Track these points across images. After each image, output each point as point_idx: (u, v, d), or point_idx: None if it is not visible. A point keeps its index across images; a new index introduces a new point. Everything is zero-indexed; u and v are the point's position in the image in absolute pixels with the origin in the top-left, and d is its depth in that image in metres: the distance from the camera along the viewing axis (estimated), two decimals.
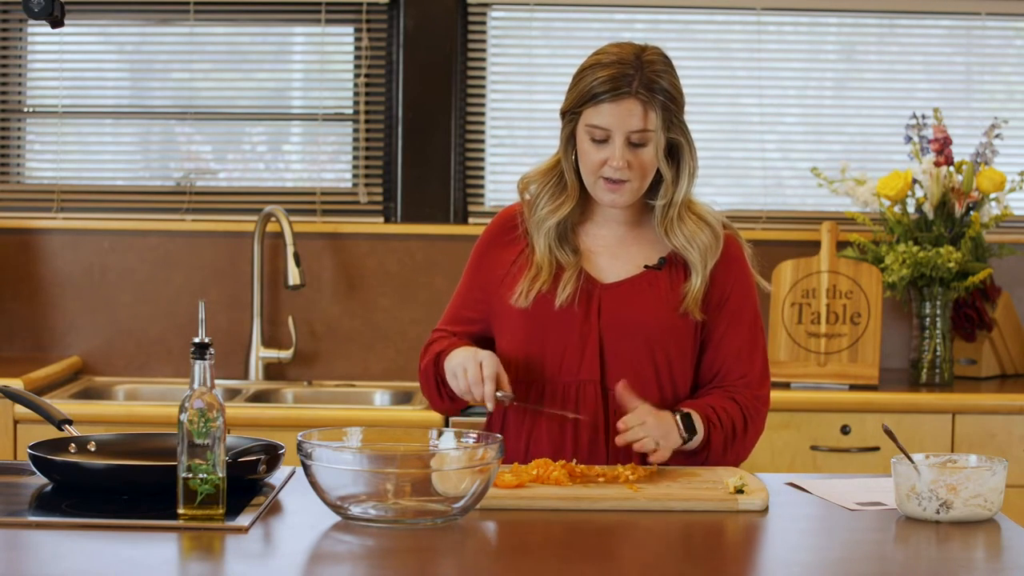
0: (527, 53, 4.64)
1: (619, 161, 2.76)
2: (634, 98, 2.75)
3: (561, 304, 2.82)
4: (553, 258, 2.85)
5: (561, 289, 2.83)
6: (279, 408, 4.15)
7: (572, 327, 2.83)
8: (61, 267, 4.55)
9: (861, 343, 4.22)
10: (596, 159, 2.78)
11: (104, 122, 4.66)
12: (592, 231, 2.90)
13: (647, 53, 2.79)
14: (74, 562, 2.13)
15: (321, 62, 4.66)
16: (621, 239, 2.88)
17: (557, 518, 2.43)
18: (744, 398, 2.86)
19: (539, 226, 2.86)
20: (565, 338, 2.83)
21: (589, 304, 2.83)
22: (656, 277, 2.85)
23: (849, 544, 2.32)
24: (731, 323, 2.86)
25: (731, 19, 4.63)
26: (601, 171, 2.78)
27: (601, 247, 2.88)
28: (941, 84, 4.66)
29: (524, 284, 2.85)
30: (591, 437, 2.82)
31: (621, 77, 2.75)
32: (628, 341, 2.81)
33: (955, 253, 4.17)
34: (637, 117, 2.75)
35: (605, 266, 2.87)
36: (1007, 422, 4.06)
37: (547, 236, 2.85)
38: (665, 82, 2.77)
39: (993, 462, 2.45)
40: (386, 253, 4.56)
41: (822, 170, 4.42)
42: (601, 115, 2.76)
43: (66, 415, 2.82)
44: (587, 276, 2.85)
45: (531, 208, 2.89)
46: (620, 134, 2.76)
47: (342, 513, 2.35)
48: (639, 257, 2.86)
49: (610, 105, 2.75)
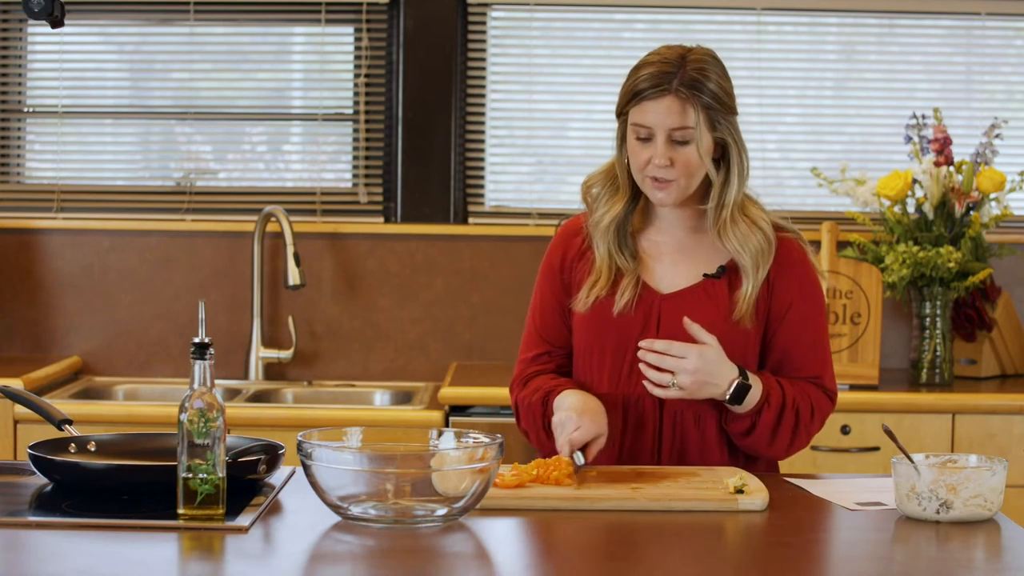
0: (527, 53, 4.64)
1: (660, 159, 2.76)
2: (673, 95, 2.75)
3: (619, 311, 2.82)
4: (612, 263, 2.84)
5: (619, 296, 2.82)
6: (279, 408, 4.15)
7: (631, 338, 2.81)
8: (61, 267, 4.55)
9: (861, 343, 4.22)
10: (642, 158, 2.78)
11: (104, 122, 4.66)
12: (652, 237, 2.89)
13: (693, 53, 2.80)
14: (74, 562, 2.13)
15: (321, 62, 4.66)
16: (681, 245, 2.87)
17: (557, 518, 2.43)
18: (813, 389, 2.83)
19: (597, 227, 2.86)
20: (624, 349, 2.82)
21: (648, 315, 2.82)
22: (715, 286, 2.83)
23: (849, 544, 2.32)
24: (797, 333, 2.84)
25: (731, 19, 4.63)
26: (646, 170, 2.79)
27: (661, 253, 2.87)
28: (941, 84, 4.66)
29: (585, 289, 2.85)
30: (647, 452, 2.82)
31: (662, 75, 2.76)
32: None
33: (955, 253, 4.17)
34: (676, 114, 2.76)
35: (665, 274, 2.86)
36: (1007, 422, 4.06)
37: (606, 238, 2.85)
38: (709, 81, 2.77)
39: (993, 462, 2.45)
40: (386, 253, 4.56)
41: (822, 170, 4.42)
42: (643, 113, 2.77)
43: (66, 415, 2.82)
44: (646, 286, 2.84)
45: (592, 211, 2.89)
46: (661, 131, 2.76)
47: (342, 513, 2.35)
48: (699, 265, 2.85)
49: (651, 103, 2.76)
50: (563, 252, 2.92)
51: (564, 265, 2.91)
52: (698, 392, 2.73)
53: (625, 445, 2.82)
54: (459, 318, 4.55)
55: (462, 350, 4.54)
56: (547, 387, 2.83)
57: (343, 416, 3.92)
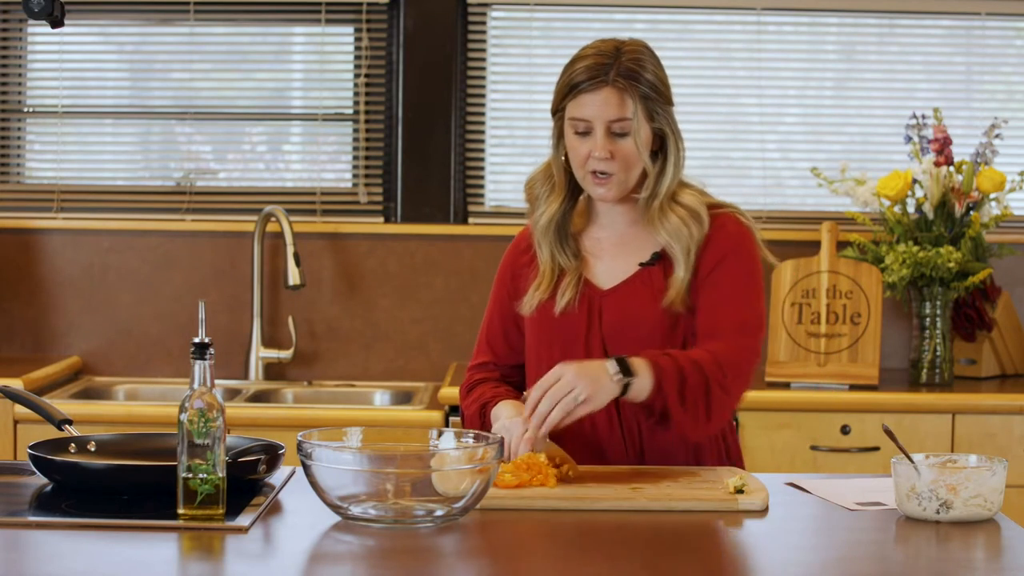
0: (527, 53, 4.64)
1: (601, 151, 2.75)
2: (611, 86, 2.75)
3: (560, 311, 2.82)
4: (556, 264, 2.85)
5: (560, 296, 2.83)
6: (279, 408, 4.15)
7: (577, 336, 2.82)
8: (61, 267, 4.55)
9: (861, 343, 4.22)
10: (582, 152, 2.78)
11: (104, 122, 4.66)
12: (594, 234, 2.89)
13: (627, 44, 2.79)
14: (74, 562, 2.13)
15: (321, 62, 4.66)
16: (621, 239, 2.87)
17: (557, 518, 2.43)
18: (716, 345, 2.73)
19: (536, 228, 2.87)
20: (572, 347, 2.82)
21: (591, 311, 2.82)
22: (650, 274, 2.83)
23: (849, 544, 2.32)
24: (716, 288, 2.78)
25: (731, 19, 4.63)
26: (587, 165, 2.78)
27: (602, 249, 2.88)
28: (941, 84, 4.66)
29: (530, 292, 2.87)
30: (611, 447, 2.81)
31: (598, 67, 2.76)
32: (629, 344, 2.79)
33: (955, 253, 4.17)
34: (615, 106, 2.75)
35: (605, 270, 2.86)
36: (1007, 422, 4.06)
37: (547, 238, 2.86)
38: (646, 71, 2.77)
39: (993, 462, 2.45)
40: (386, 253, 4.56)
41: (822, 170, 4.42)
42: (581, 106, 2.76)
43: (66, 415, 2.82)
44: (587, 283, 2.84)
45: (532, 211, 2.90)
46: (600, 123, 2.76)
47: (342, 513, 2.35)
48: (637, 256, 2.85)
49: (589, 95, 2.75)
50: (514, 260, 2.94)
51: (514, 272, 2.93)
52: (599, 391, 2.61)
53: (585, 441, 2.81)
54: (459, 318, 4.55)
55: (462, 350, 4.54)
56: (486, 397, 2.85)
57: (343, 416, 3.92)
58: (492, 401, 2.82)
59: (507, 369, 2.94)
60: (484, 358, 2.96)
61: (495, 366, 2.94)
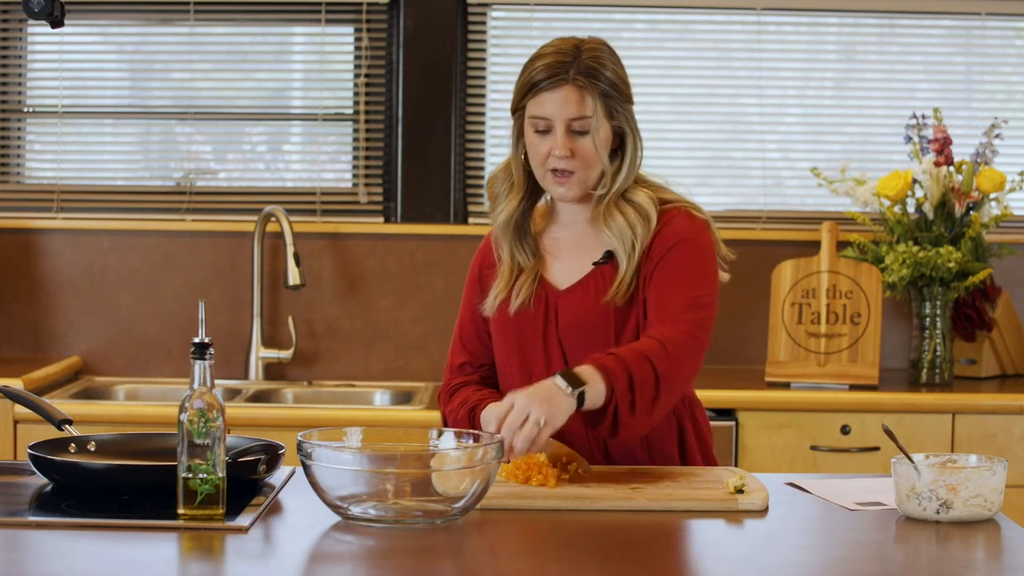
0: (527, 53, 4.59)
1: (561, 149, 2.75)
2: (571, 84, 2.75)
3: (515, 310, 2.82)
4: (514, 263, 2.85)
5: (515, 295, 2.83)
6: (279, 408, 4.15)
7: (535, 335, 2.82)
8: (61, 267, 4.55)
9: (861, 343, 4.22)
10: (542, 151, 2.77)
11: (104, 122, 4.66)
12: (554, 234, 2.89)
13: (587, 43, 2.79)
14: (74, 562, 2.13)
15: (321, 62, 4.66)
16: (578, 239, 2.86)
17: (557, 518, 2.43)
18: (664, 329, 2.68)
19: (496, 225, 2.87)
20: (529, 346, 2.83)
21: (547, 311, 2.82)
22: (603, 273, 2.82)
23: (849, 544, 2.32)
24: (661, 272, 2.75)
25: (731, 19, 4.63)
26: (547, 163, 2.78)
27: (560, 249, 2.87)
28: (941, 84, 4.66)
29: (491, 293, 2.87)
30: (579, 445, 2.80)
31: (558, 65, 2.76)
32: (584, 343, 2.78)
33: (955, 253, 4.17)
34: (575, 104, 2.75)
35: (562, 269, 2.85)
36: (1007, 422, 4.06)
37: (506, 236, 2.85)
38: (606, 69, 2.76)
39: (993, 462, 2.45)
40: (386, 253, 4.56)
41: (822, 170, 4.42)
42: (541, 105, 2.76)
43: (66, 415, 2.82)
44: (544, 282, 2.84)
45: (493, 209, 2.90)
46: (560, 121, 2.75)
47: (342, 513, 2.35)
48: (592, 255, 2.84)
49: (548, 93, 2.75)
50: (481, 260, 2.94)
51: (482, 272, 2.93)
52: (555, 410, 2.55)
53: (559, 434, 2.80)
54: None
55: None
56: (472, 401, 2.83)
57: (343, 416, 3.92)
58: (480, 404, 2.78)
59: (486, 369, 2.93)
60: (461, 359, 2.93)
61: (472, 367, 2.93)
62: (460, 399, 2.87)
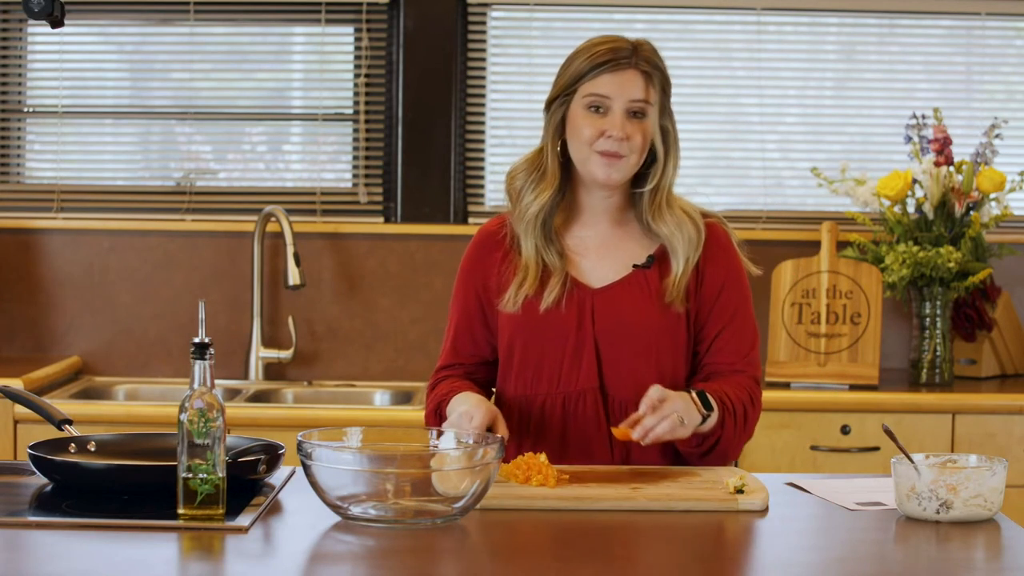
0: (527, 53, 4.64)
1: (619, 131, 2.75)
2: (635, 69, 2.77)
3: (546, 308, 2.80)
4: (539, 259, 2.82)
5: (547, 293, 2.80)
6: (279, 408, 4.15)
7: (567, 335, 2.80)
8: (61, 267, 4.55)
9: (861, 343, 4.22)
10: (594, 129, 2.76)
11: (104, 122, 4.66)
12: (577, 233, 2.87)
13: (640, 41, 2.82)
14: (74, 562, 2.13)
15: (321, 62, 4.66)
16: (605, 239, 2.86)
17: (557, 518, 2.43)
18: (746, 381, 2.83)
19: (523, 219, 2.83)
20: (561, 347, 2.80)
21: (582, 310, 2.80)
22: (645, 276, 2.82)
23: (849, 544, 2.32)
24: (729, 317, 2.84)
25: (731, 19, 4.63)
26: (597, 144, 2.76)
27: (587, 248, 2.86)
28: (941, 84, 4.66)
29: (513, 288, 2.83)
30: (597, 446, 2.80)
31: (621, 50, 2.78)
32: (625, 345, 2.79)
33: (955, 253, 4.17)
34: (638, 87, 2.77)
35: (592, 269, 2.84)
36: (1007, 422, 4.06)
37: (532, 233, 2.82)
38: (663, 67, 2.82)
39: (993, 462, 2.45)
40: (386, 253, 4.56)
41: (822, 170, 4.42)
42: (601, 84, 2.77)
43: (66, 415, 2.82)
44: (575, 281, 2.82)
45: (516, 203, 2.86)
46: (620, 102, 2.76)
47: (342, 513, 2.35)
48: (626, 257, 2.84)
49: (611, 75, 2.77)
50: (482, 256, 2.90)
51: (484, 269, 2.88)
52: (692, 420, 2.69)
53: (569, 443, 2.81)
54: None
55: None
56: (439, 396, 2.82)
57: (343, 416, 3.92)
58: (447, 398, 2.77)
59: (471, 367, 2.91)
60: (450, 361, 2.91)
61: (461, 367, 2.91)
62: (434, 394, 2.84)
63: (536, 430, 2.83)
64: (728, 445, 2.79)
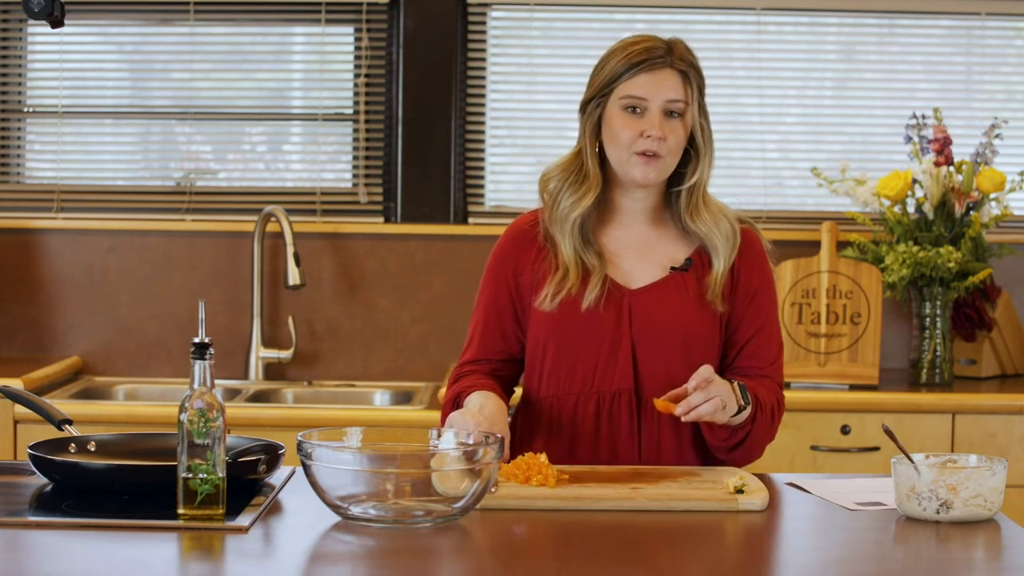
0: (527, 53, 4.64)
1: (657, 130, 2.75)
2: (672, 68, 2.79)
3: (588, 307, 2.79)
4: (579, 259, 2.81)
5: (589, 292, 2.79)
6: (279, 408, 4.15)
7: (603, 336, 2.79)
8: (61, 267, 4.55)
9: (861, 343, 4.22)
10: (632, 131, 2.76)
11: (104, 122, 4.66)
12: (613, 233, 2.86)
13: (674, 40, 2.84)
14: (74, 562, 2.13)
15: (321, 62, 4.66)
16: (642, 240, 2.86)
17: (557, 518, 2.43)
18: (773, 386, 2.85)
19: (562, 223, 2.82)
20: (597, 347, 2.80)
21: (619, 311, 2.80)
22: (683, 279, 2.82)
23: (849, 544, 2.32)
24: (761, 322, 2.85)
25: (731, 19, 4.63)
26: (635, 145, 2.76)
27: (624, 249, 2.85)
28: (941, 84, 4.66)
29: (550, 287, 2.81)
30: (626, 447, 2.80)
31: (657, 50, 2.79)
32: (662, 347, 2.79)
33: (955, 253, 4.17)
34: (675, 87, 2.78)
35: (630, 269, 2.84)
36: (1007, 422, 4.06)
37: (572, 234, 2.81)
38: (699, 67, 2.84)
39: (993, 462, 2.45)
40: (386, 253, 4.56)
41: (822, 170, 4.42)
42: (638, 85, 2.77)
43: (66, 415, 2.82)
44: (613, 282, 2.82)
45: (552, 205, 2.84)
46: (657, 102, 2.77)
47: (342, 513, 2.35)
48: (663, 258, 2.84)
49: (647, 75, 2.77)
50: (516, 253, 2.88)
51: (517, 266, 2.86)
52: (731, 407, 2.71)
53: (601, 442, 2.81)
54: (459, 318, 4.55)
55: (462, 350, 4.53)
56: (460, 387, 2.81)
57: (343, 416, 3.92)
58: (463, 393, 2.77)
59: (498, 364, 2.90)
60: (475, 356, 2.90)
61: (487, 362, 2.90)
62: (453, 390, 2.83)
63: (568, 430, 2.82)
64: (755, 443, 2.79)
